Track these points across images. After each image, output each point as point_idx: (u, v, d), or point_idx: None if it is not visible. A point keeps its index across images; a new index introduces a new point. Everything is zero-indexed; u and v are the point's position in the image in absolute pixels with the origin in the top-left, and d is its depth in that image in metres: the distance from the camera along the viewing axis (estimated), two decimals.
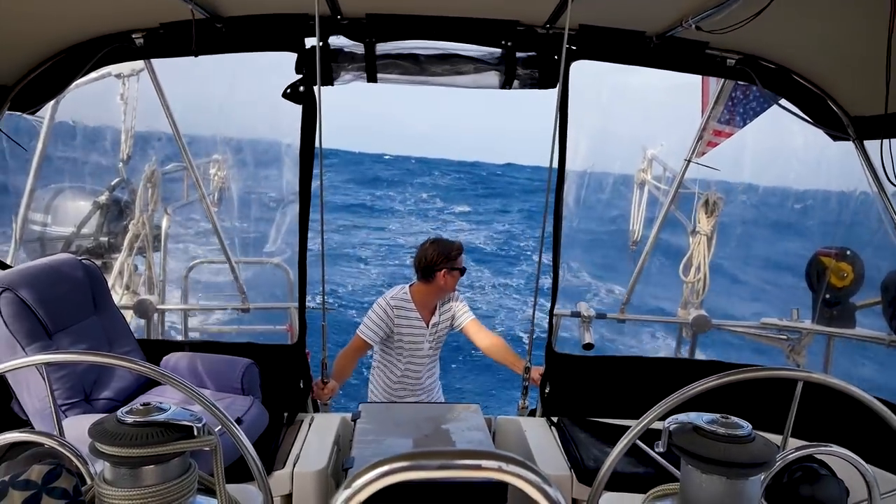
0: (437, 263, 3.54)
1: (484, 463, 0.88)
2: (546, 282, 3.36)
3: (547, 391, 3.18)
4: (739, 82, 3.51)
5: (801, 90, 3.06)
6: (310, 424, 2.93)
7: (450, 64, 3.04)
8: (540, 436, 2.98)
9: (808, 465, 1.77)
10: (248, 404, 2.66)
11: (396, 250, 19.85)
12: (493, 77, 3.09)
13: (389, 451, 0.89)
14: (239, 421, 2.46)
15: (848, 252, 3.83)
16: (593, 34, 2.90)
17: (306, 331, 3.03)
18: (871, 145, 2.89)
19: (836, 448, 1.73)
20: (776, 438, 1.63)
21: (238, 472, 1.83)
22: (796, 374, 1.77)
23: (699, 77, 4.01)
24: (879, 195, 2.77)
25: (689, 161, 3.69)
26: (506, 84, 3.09)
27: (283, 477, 2.52)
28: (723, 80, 3.70)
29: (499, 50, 2.99)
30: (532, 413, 3.29)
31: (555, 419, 3.12)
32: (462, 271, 3.65)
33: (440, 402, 3.73)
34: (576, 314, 3.57)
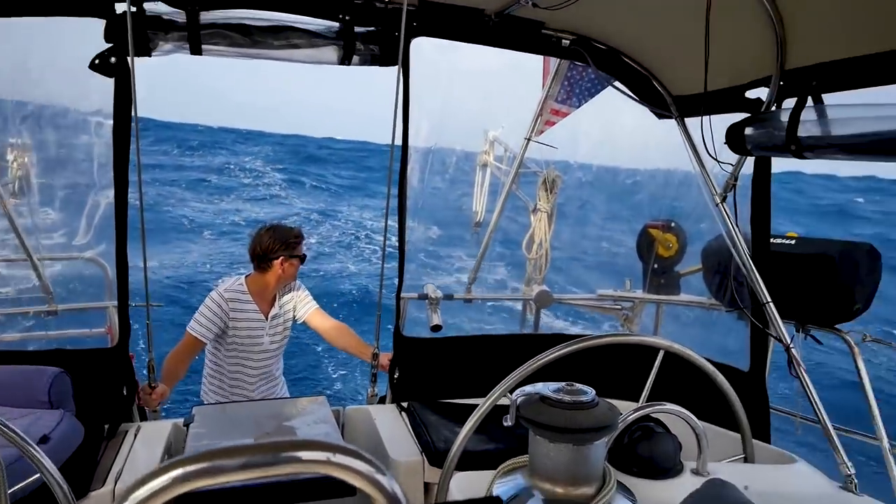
0: (275, 251, 3.40)
1: (301, 455, 0.75)
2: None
3: (396, 376, 3.17)
4: (575, 62, 3.69)
5: (629, 71, 3.27)
6: (135, 435, 2.67)
7: (284, 37, 2.87)
8: (390, 423, 2.96)
9: (645, 424, 1.90)
10: (56, 419, 2.35)
11: (235, 229, 19.19)
12: (330, 52, 2.97)
13: None
14: (45, 439, 2.17)
15: (672, 224, 4.21)
16: (432, 10, 2.89)
17: (129, 332, 2.76)
18: (693, 123, 3.17)
19: (669, 406, 1.87)
20: (621, 405, 1.74)
21: (49, 497, 1.62)
22: (630, 339, 1.90)
23: (541, 57, 4.17)
24: (699, 169, 3.04)
25: (529, 140, 3.84)
26: (345, 60, 2.98)
27: (104, 497, 2.27)
28: (559, 59, 3.88)
29: (336, 24, 2.88)
30: (382, 400, 3.27)
31: (405, 404, 3.12)
32: (302, 259, 3.52)
33: (283, 398, 3.61)
34: (423, 296, 3.58)
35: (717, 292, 3.41)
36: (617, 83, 3.34)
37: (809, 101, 2.28)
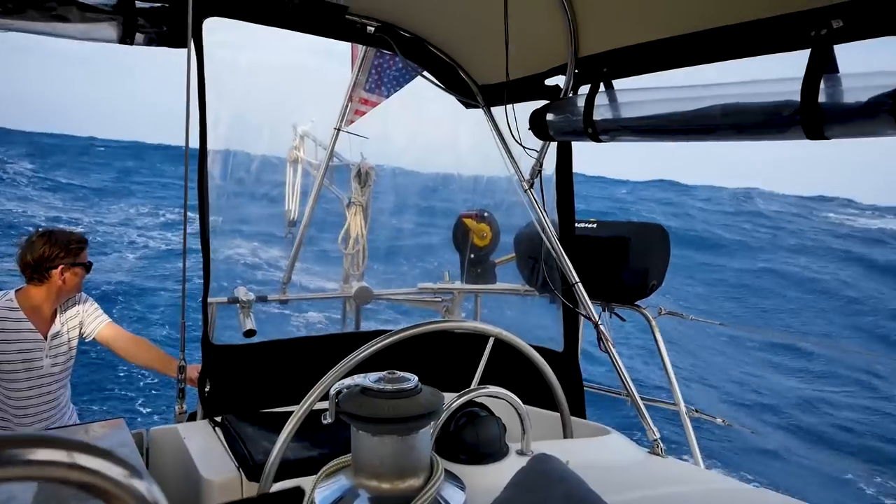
0: (52, 259, 2.99)
1: (29, 455, 0.55)
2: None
3: (207, 390, 2.92)
4: (383, 50, 3.65)
5: (435, 60, 3.30)
6: None
7: (47, 7, 2.51)
8: (202, 440, 2.72)
9: (470, 410, 1.89)
10: None
11: None
12: (108, 29, 2.64)
13: None
14: None
15: (486, 214, 4.35)
16: None
17: None
18: (500, 111, 3.26)
19: (490, 388, 1.88)
20: (449, 398, 1.72)
21: None
22: (449, 325, 1.89)
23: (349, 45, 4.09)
24: (506, 157, 3.14)
25: (339, 130, 3.74)
26: (125, 38, 2.65)
27: None
28: (365, 47, 3.82)
29: None
30: (192, 417, 3.00)
31: (219, 419, 2.88)
32: (87, 267, 3.13)
33: (72, 425, 3.18)
34: (234, 300, 3.34)
35: (530, 278, 3.56)
36: (425, 72, 3.36)
37: (603, 87, 2.42)
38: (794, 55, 1.70)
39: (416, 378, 1.39)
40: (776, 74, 1.70)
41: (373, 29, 3.10)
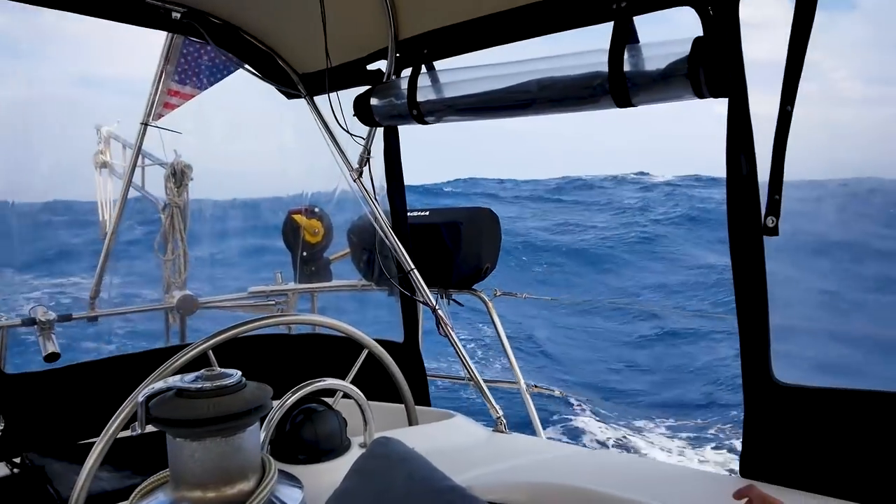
0: None
1: None
2: None
3: (2, 427, 2.55)
4: (193, 38, 3.40)
5: (251, 48, 3.11)
6: None
7: None
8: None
9: (307, 406, 1.80)
10: None
11: None
12: None
13: None
14: None
15: (316, 209, 4.22)
16: None
17: None
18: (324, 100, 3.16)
19: (327, 380, 1.80)
20: None
21: None
22: (279, 319, 1.78)
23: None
24: (333, 147, 3.05)
25: (147, 125, 3.43)
26: None
27: None
28: (172, 34, 3.53)
29: None
30: None
31: (18, 459, 2.52)
32: None
33: None
34: (29, 321, 2.94)
35: (366, 271, 3.50)
36: (243, 62, 3.17)
37: (425, 69, 2.41)
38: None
39: (240, 373, 1.26)
40: (591, 47, 1.77)
41: (178, 15, 2.86)
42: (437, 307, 2.83)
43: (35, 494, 2.26)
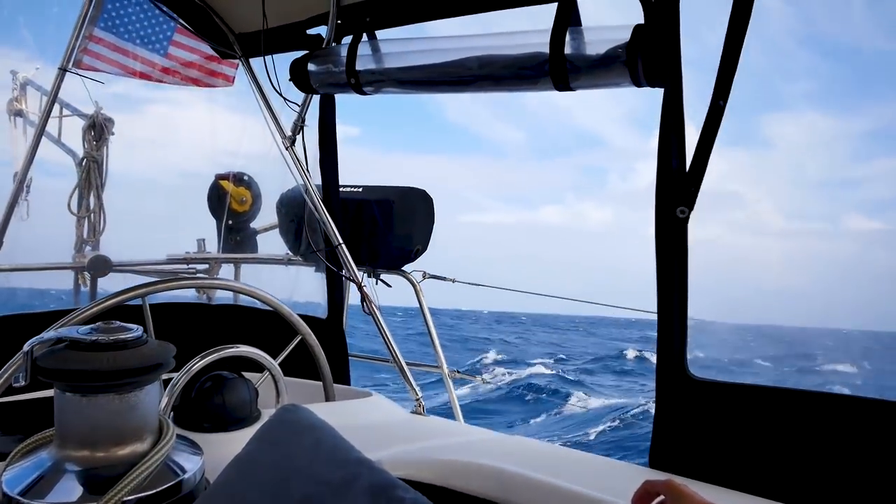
0: None
1: None
2: None
3: None
4: None
5: (186, 2, 2.99)
6: None
7: None
8: None
9: (217, 373, 1.74)
10: None
11: None
12: None
13: None
14: None
15: (245, 177, 4.09)
16: None
17: None
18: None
19: (240, 347, 1.75)
20: None
21: None
22: (198, 282, 1.71)
23: None
24: (266, 112, 2.96)
25: (65, 70, 3.22)
26: None
27: None
28: None
29: None
30: None
31: None
32: None
33: None
34: None
35: (294, 243, 3.42)
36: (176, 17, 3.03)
37: (366, 38, 2.37)
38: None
39: (141, 328, 1.20)
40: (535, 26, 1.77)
41: None
42: (363, 284, 2.80)
43: None
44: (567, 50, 1.66)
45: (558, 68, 1.66)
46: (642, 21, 1.56)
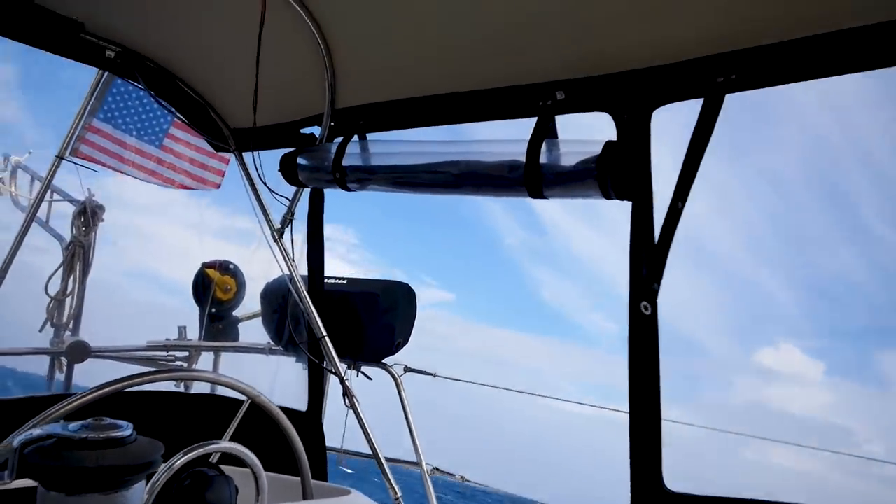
0: None
1: None
2: None
3: None
4: (126, 79, 3.42)
5: (184, 97, 3.16)
6: None
7: None
8: None
9: (198, 470, 1.76)
10: None
11: None
12: None
13: None
14: None
15: (231, 266, 4.18)
16: None
17: None
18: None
19: (221, 443, 1.77)
20: None
21: None
22: (188, 374, 1.76)
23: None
24: (256, 204, 3.08)
25: (62, 158, 3.37)
26: None
27: None
28: (103, 72, 3.54)
29: None
30: None
31: None
32: None
33: None
34: None
35: (276, 333, 3.47)
36: (175, 111, 3.20)
37: (356, 138, 2.52)
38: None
39: (132, 426, 1.24)
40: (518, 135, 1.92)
41: (113, 54, 2.90)
42: (345, 377, 2.84)
43: None
44: (542, 160, 1.79)
45: (533, 177, 1.79)
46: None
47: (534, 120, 1.92)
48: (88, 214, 3.56)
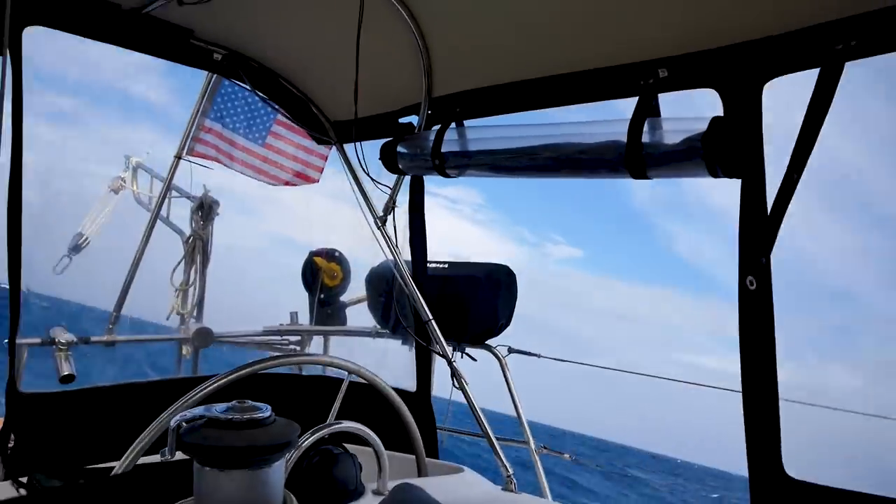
0: None
1: None
2: None
3: (11, 445, 2.63)
4: (233, 80, 3.61)
5: (286, 93, 3.30)
6: None
7: None
8: None
9: (324, 448, 1.87)
10: None
11: None
12: None
13: None
14: None
15: (337, 253, 4.36)
16: None
17: None
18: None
19: (347, 423, 1.87)
20: None
21: None
22: (308, 359, 1.88)
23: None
24: (358, 193, 3.19)
25: (180, 158, 3.62)
26: None
27: None
28: (213, 74, 3.76)
29: None
30: None
31: (25, 479, 2.60)
32: None
33: None
34: (48, 342, 3.08)
35: (382, 317, 3.60)
36: (278, 107, 3.36)
37: (454, 125, 2.56)
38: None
39: (270, 408, 1.35)
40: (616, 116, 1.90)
41: (220, 56, 3.07)
42: (452, 360, 2.92)
43: None
44: (644, 139, 1.77)
45: (635, 157, 1.77)
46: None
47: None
48: (206, 209, 3.82)
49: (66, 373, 3.00)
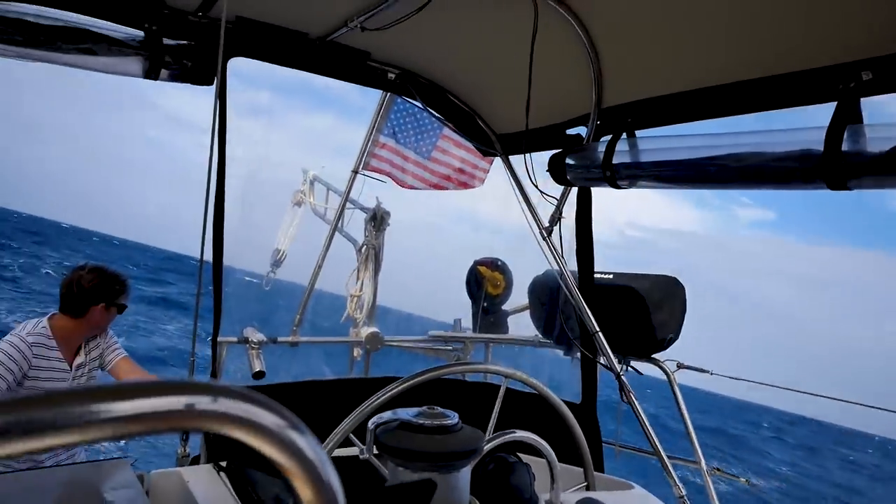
0: (95, 296, 3.11)
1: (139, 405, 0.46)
2: None
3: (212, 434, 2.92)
4: (405, 97, 3.81)
5: (454, 108, 3.43)
6: None
7: (78, 40, 2.65)
8: (206, 486, 2.71)
9: (500, 455, 1.92)
10: None
11: None
12: (134, 63, 2.78)
13: None
14: None
15: (499, 262, 4.44)
16: (252, 29, 2.83)
17: None
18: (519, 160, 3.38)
19: (523, 433, 1.92)
20: None
21: None
22: (480, 367, 1.93)
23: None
24: (524, 204, 3.24)
25: (356, 173, 3.86)
26: (150, 73, 2.80)
27: None
28: (386, 93, 3.98)
29: (140, 32, 2.72)
30: (196, 461, 3.01)
31: (223, 464, 2.89)
32: (122, 308, 3.26)
33: (79, 463, 3.21)
34: (243, 340, 3.40)
35: (545, 327, 3.61)
36: (446, 121, 3.49)
37: (625, 135, 2.54)
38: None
39: (457, 415, 1.42)
40: (791, 124, 1.80)
41: (393, 76, 3.25)
42: (620, 373, 2.88)
43: (244, 497, 2.57)
44: (844, 147, 1.65)
45: (834, 166, 1.66)
46: None
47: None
48: (378, 219, 4.04)
49: (257, 369, 3.29)
